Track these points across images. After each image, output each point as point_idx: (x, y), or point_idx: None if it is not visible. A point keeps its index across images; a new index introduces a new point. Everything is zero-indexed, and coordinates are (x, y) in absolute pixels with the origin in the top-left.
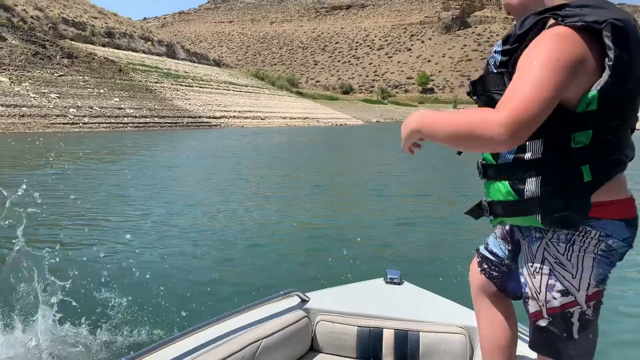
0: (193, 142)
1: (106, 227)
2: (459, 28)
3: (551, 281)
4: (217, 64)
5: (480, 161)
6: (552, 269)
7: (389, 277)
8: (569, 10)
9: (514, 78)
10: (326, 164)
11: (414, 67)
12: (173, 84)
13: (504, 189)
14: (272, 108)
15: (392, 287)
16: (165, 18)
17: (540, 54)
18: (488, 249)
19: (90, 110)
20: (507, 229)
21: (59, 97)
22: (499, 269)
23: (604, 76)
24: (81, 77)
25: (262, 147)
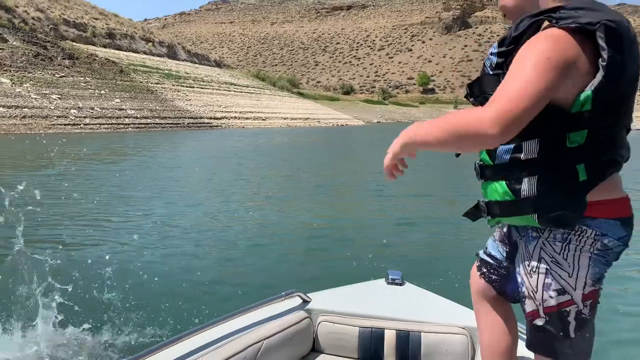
0: (194, 142)
1: (108, 227)
2: (459, 28)
3: (548, 280)
4: (218, 64)
5: (478, 162)
6: (548, 268)
7: (390, 277)
8: (563, 13)
9: (506, 76)
10: (327, 164)
11: (414, 68)
12: (174, 85)
13: (501, 189)
14: (273, 109)
15: (393, 288)
16: (166, 19)
17: (532, 54)
18: (487, 252)
19: (92, 111)
20: (505, 231)
21: (60, 98)
22: (497, 272)
23: (598, 76)
24: (82, 78)
25: (263, 147)
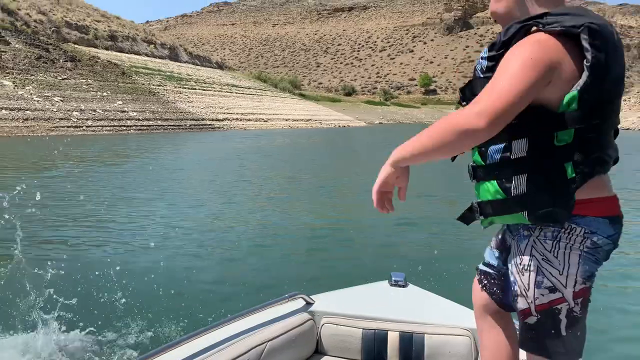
0: (196, 144)
1: (111, 228)
2: (461, 29)
3: (539, 278)
4: (219, 66)
5: (471, 164)
6: (539, 265)
7: (393, 279)
8: (549, 18)
9: (493, 76)
10: (329, 165)
11: (416, 69)
12: (176, 87)
13: (492, 188)
14: (275, 110)
15: (396, 290)
16: (167, 21)
17: (518, 56)
18: (485, 262)
19: (94, 113)
20: (500, 237)
21: (62, 101)
22: (496, 281)
23: (583, 77)
24: (84, 81)
25: (265, 149)
